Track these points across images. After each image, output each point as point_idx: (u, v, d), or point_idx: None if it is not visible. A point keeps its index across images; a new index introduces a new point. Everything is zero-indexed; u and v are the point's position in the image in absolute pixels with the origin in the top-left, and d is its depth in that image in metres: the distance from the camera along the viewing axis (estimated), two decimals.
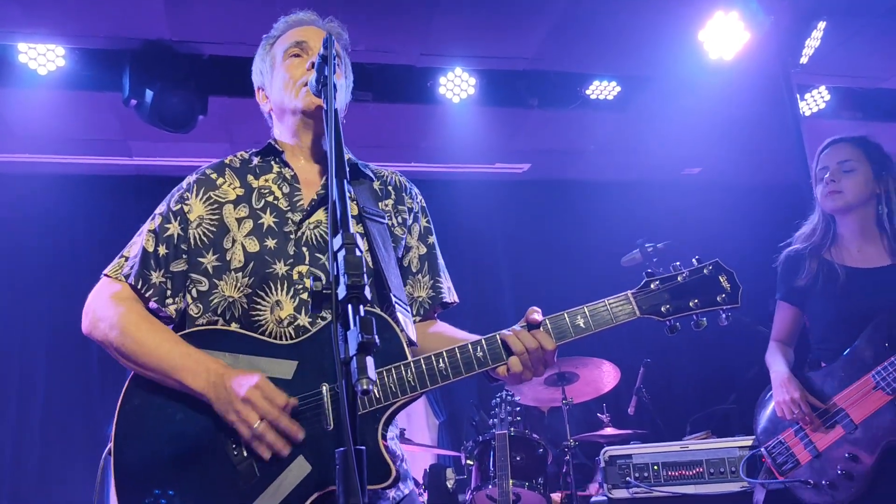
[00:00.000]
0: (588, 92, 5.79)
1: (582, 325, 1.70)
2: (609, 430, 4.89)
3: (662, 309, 1.73)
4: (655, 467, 3.46)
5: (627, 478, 3.47)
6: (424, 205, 2.10)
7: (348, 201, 1.35)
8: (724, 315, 1.75)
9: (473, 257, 7.00)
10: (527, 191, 7.48)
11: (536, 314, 1.69)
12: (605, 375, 4.93)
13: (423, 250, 2.03)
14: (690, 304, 1.73)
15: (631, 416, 5.35)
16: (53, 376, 6.20)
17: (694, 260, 1.78)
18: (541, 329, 1.69)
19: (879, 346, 2.72)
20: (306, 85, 1.83)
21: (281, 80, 1.93)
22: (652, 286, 1.75)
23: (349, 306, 1.19)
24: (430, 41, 5.15)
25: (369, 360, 1.14)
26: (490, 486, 4.28)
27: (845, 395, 2.73)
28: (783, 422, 2.84)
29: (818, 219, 3.03)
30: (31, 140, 5.98)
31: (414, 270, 2.00)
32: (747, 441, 3.42)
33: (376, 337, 1.16)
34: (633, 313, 1.72)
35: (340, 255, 1.24)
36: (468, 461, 4.73)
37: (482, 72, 5.61)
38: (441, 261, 2.07)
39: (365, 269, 1.23)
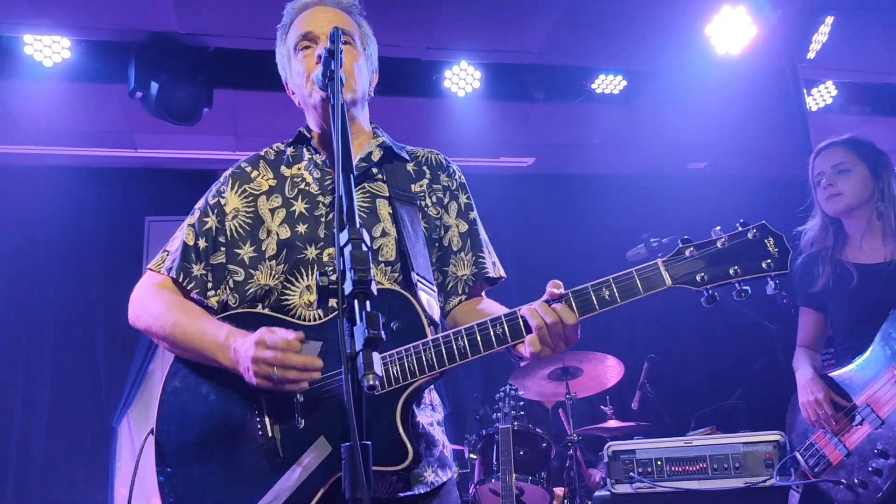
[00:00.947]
0: (594, 86, 5.78)
1: (607, 296, 1.59)
2: (612, 423, 4.89)
3: (697, 278, 1.58)
4: (659, 462, 3.45)
5: (631, 473, 3.46)
6: (464, 181, 2.08)
7: (354, 195, 1.34)
8: (771, 283, 1.59)
9: None
10: (532, 185, 7.47)
11: (557, 287, 1.61)
12: (609, 370, 4.92)
13: (464, 227, 2.01)
14: (731, 271, 1.57)
15: (635, 412, 5.35)
16: (59, 368, 6.22)
17: (738, 224, 1.62)
18: (562, 303, 1.60)
19: None
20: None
21: (298, 75, 1.93)
22: (686, 253, 1.60)
23: (355, 301, 1.19)
24: (435, 35, 5.14)
25: (375, 356, 1.15)
26: (493, 480, 4.29)
27: (869, 391, 2.73)
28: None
29: (819, 224, 3.05)
30: (36, 132, 5.99)
31: (455, 249, 1.98)
32: (752, 437, 3.42)
33: (382, 332, 1.16)
34: (663, 282, 1.59)
35: (347, 250, 1.24)
36: (471, 455, 4.74)
37: (488, 65, 5.59)
38: (484, 236, 2.05)
39: (393, 254, 1.21)
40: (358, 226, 1.27)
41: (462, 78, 5.53)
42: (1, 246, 6.34)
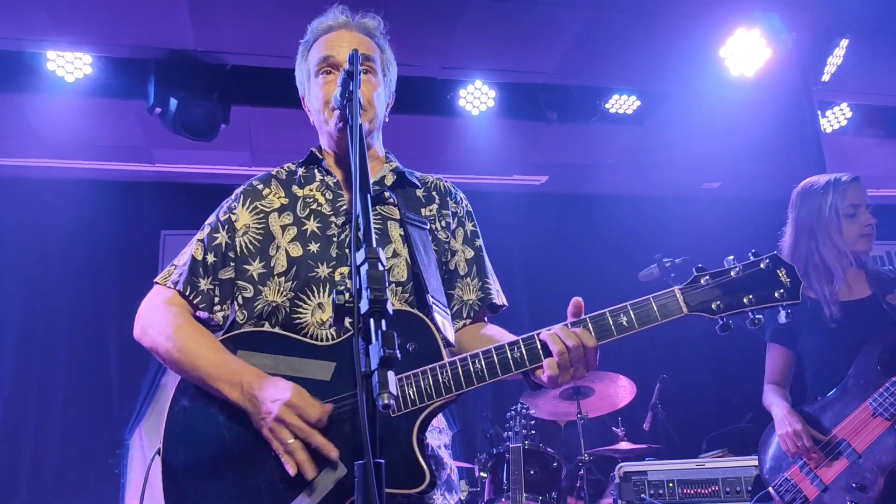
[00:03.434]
0: (607, 106, 5.80)
1: (625, 323, 1.61)
2: (624, 445, 4.86)
3: (713, 306, 1.60)
4: (671, 484, 3.44)
5: (642, 494, 3.45)
6: (470, 209, 2.11)
7: (371, 216, 1.36)
8: (783, 312, 1.62)
9: None
10: (544, 203, 7.48)
11: (578, 307, 1.63)
12: (621, 390, 4.90)
13: (471, 254, 2.04)
14: (745, 300, 1.60)
15: (647, 432, 5.31)
16: (72, 381, 6.26)
17: (750, 254, 1.65)
18: (581, 327, 1.61)
19: (872, 370, 2.72)
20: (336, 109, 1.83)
21: (315, 100, 1.96)
22: (702, 281, 1.63)
23: (371, 320, 1.20)
24: (450, 54, 5.18)
25: (391, 375, 1.15)
26: (503, 500, 4.27)
27: (845, 425, 2.71)
28: (788, 458, 2.82)
29: (835, 253, 2.89)
30: (57, 146, 6.08)
31: (462, 273, 2.00)
32: None
33: (398, 351, 1.17)
34: (680, 310, 1.61)
35: (363, 269, 1.25)
36: (482, 473, 4.73)
37: (502, 85, 5.63)
38: (489, 264, 2.07)
39: (405, 274, 1.21)
40: (374, 245, 1.28)
41: (476, 97, 5.57)
42: (19, 257, 6.42)
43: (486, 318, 2.05)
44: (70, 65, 4.92)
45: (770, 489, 2.85)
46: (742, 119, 5.88)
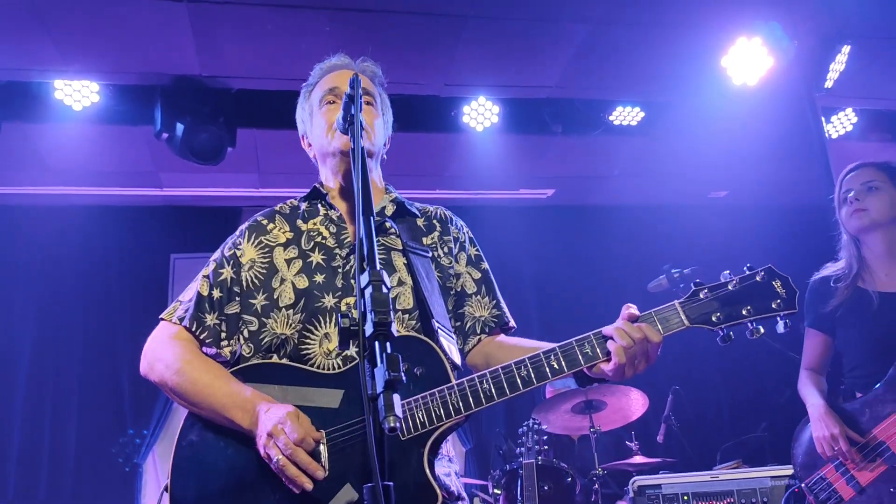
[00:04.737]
0: (611, 118, 5.81)
1: None
2: (638, 459, 4.83)
3: (713, 318, 1.66)
4: (685, 497, 3.41)
5: None
6: (472, 235, 2.15)
7: (375, 239, 1.37)
8: (781, 322, 1.67)
9: (498, 282, 6.98)
10: (552, 216, 7.49)
11: (633, 314, 1.67)
12: (633, 403, 4.88)
13: (478, 275, 2.07)
14: (743, 311, 1.66)
15: (660, 444, 5.28)
16: (85, 405, 6.29)
17: (745, 268, 1.71)
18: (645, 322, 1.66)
19: None
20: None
21: (319, 127, 2.01)
22: (701, 295, 1.69)
23: (376, 343, 1.21)
24: (453, 72, 5.22)
25: (396, 398, 1.16)
26: None
27: (885, 426, 2.66)
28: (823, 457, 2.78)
29: (846, 247, 2.98)
30: (65, 173, 6.14)
31: (470, 292, 2.04)
32: (779, 471, 3.36)
33: (403, 374, 1.17)
34: (681, 323, 1.67)
35: (367, 292, 1.26)
36: (495, 490, 4.70)
37: (506, 100, 5.65)
38: (497, 287, 2.11)
39: (411, 302, 1.24)
40: (378, 268, 1.29)
41: (480, 113, 5.59)
42: (30, 284, 6.48)
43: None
44: (77, 93, 4.98)
45: (803, 486, 2.81)
46: (747, 127, 5.89)
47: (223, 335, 1.89)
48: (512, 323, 2.08)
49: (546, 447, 4.35)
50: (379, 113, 2.06)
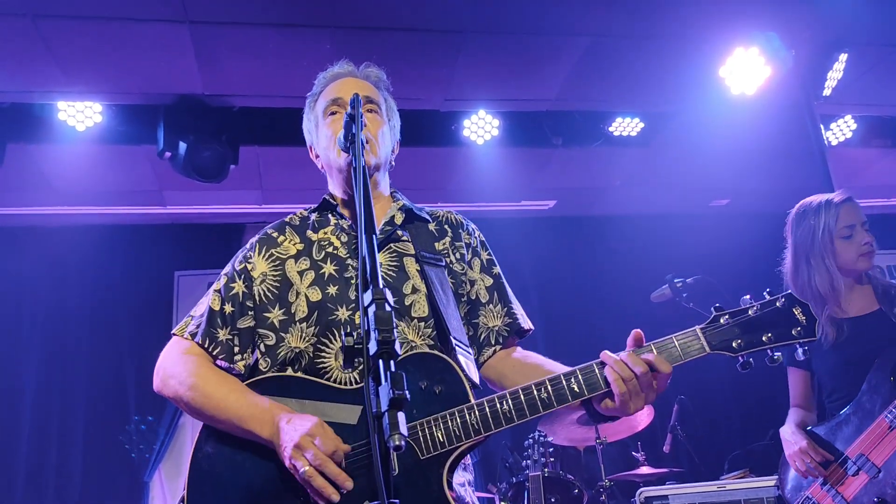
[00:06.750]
0: (611, 129, 5.83)
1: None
2: (645, 469, 4.82)
3: (734, 344, 1.66)
4: None
5: None
6: (483, 239, 2.14)
7: (377, 256, 1.37)
8: (800, 349, 1.68)
9: None
10: (554, 227, 7.50)
11: (639, 338, 1.67)
12: (639, 413, 4.85)
13: (490, 281, 2.05)
14: (763, 338, 1.66)
15: (667, 455, 5.26)
16: (91, 422, 6.30)
17: (765, 293, 1.71)
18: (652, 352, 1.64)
19: (885, 384, 2.69)
20: None
21: (324, 139, 2.00)
22: (721, 321, 1.68)
23: (380, 362, 1.21)
24: (453, 86, 5.25)
25: (401, 416, 1.16)
26: None
27: (863, 439, 2.69)
28: (809, 477, 2.80)
29: (829, 280, 2.89)
30: (69, 193, 6.18)
31: (483, 301, 2.02)
32: None
33: (407, 392, 1.17)
34: (702, 349, 1.66)
35: (371, 310, 1.26)
36: (502, 503, 4.69)
37: (506, 113, 5.69)
38: (510, 290, 2.09)
39: (425, 310, 1.26)
40: (381, 286, 1.30)
41: (481, 126, 5.62)
42: (35, 303, 6.50)
43: (517, 344, 2.06)
44: (80, 114, 5.02)
45: None
46: (747, 136, 5.91)
47: (236, 349, 1.87)
48: (527, 325, 2.05)
49: (552, 459, 4.34)
50: (384, 119, 2.03)
